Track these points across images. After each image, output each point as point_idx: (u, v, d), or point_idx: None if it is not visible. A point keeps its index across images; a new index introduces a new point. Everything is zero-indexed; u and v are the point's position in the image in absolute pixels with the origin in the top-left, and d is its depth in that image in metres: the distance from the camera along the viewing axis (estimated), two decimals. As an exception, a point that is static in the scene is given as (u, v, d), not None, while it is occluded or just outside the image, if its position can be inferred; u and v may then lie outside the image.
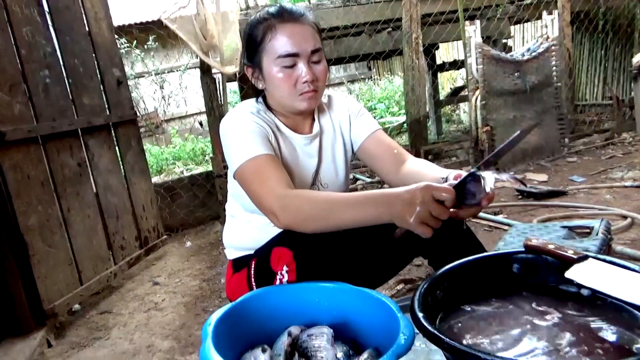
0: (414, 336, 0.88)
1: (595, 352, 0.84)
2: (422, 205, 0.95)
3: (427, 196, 0.95)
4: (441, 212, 0.96)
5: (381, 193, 1.04)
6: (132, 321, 2.10)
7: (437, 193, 0.95)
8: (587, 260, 1.02)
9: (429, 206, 0.94)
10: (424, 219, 0.96)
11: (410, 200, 0.96)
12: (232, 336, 0.98)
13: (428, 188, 0.96)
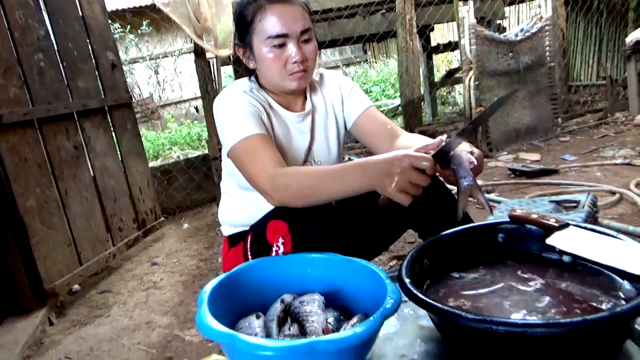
0: (400, 300, 0.91)
1: (573, 312, 0.88)
2: (401, 174, 0.97)
3: (405, 165, 0.97)
4: (420, 180, 0.98)
5: (362, 163, 1.07)
6: (131, 299, 2.15)
7: (415, 161, 0.98)
8: (568, 227, 1.06)
9: (408, 174, 0.97)
10: (403, 187, 0.98)
11: (388, 170, 0.99)
12: (227, 304, 1.02)
13: (406, 157, 0.98)
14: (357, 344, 0.80)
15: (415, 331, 1.06)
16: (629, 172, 2.75)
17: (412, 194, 1.00)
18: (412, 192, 1.00)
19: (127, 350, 1.71)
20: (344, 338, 0.80)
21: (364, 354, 0.90)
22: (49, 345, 1.82)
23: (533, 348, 0.80)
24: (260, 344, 0.81)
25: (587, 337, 0.78)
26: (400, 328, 1.09)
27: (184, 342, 1.72)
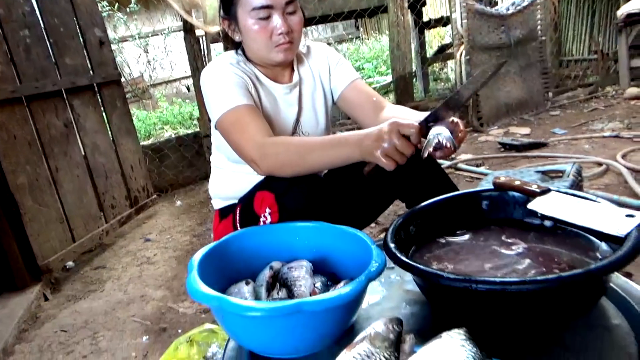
0: (385, 263, 0.94)
1: (551, 272, 0.91)
2: (389, 139, 1.01)
3: (393, 131, 1.01)
4: (405, 147, 1.02)
5: (352, 133, 1.10)
6: (125, 275, 2.18)
7: (402, 128, 1.01)
8: (549, 193, 1.08)
9: (395, 141, 1.01)
10: (388, 153, 1.02)
11: (377, 136, 1.02)
12: (216, 272, 1.04)
13: (395, 124, 1.02)
14: (342, 304, 0.83)
15: (401, 295, 1.09)
16: (617, 144, 2.79)
17: (396, 160, 1.03)
18: (396, 158, 1.03)
19: (122, 322, 1.74)
20: (330, 299, 0.82)
21: (350, 315, 0.93)
22: (44, 319, 1.85)
23: (511, 305, 0.83)
24: (248, 306, 0.84)
25: (563, 294, 0.81)
26: (386, 293, 1.12)
27: (178, 313, 1.76)
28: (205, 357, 1.34)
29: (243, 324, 0.87)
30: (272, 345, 0.90)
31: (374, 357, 0.71)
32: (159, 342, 1.58)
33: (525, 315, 0.85)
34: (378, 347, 0.73)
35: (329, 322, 0.88)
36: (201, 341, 1.38)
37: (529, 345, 0.82)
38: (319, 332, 0.89)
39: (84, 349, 1.60)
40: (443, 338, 0.71)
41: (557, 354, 0.81)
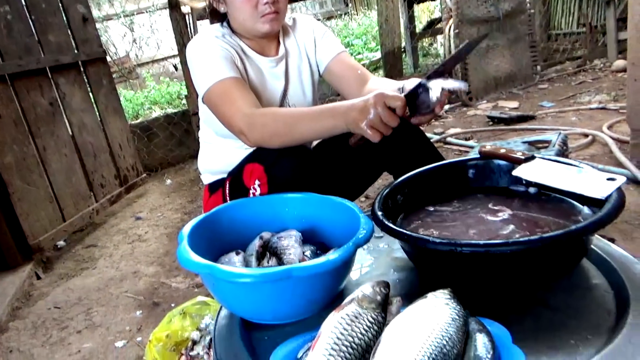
0: (373, 230, 0.95)
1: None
2: (374, 111, 1.01)
3: (379, 102, 1.01)
4: (391, 119, 1.02)
5: (338, 104, 1.11)
6: (117, 252, 2.19)
7: (388, 100, 1.01)
8: (534, 159, 1.10)
9: (380, 112, 1.01)
10: (374, 124, 1.02)
11: (363, 107, 1.03)
12: (206, 243, 1.05)
13: (380, 95, 1.02)
14: (331, 269, 0.85)
15: (389, 263, 1.12)
16: (603, 115, 2.81)
17: (381, 131, 1.04)
18: (381, 130, 1.04)
19: (116, 298, 1.76)
20: (319, 264, 0.84)
21: (338, 281, 0.95)
22: (37, 297, 1.86)
23: (495, 267, 0.85)
24: (238, 272, 0.85)
25: (545, 255, 0.83)
26: (375, 261, 1.14)
27: (171, 288, 1.78)
28: (198, 329, 1.36)
29: (234, 291, 0.89)
30: (263, 311, 0.92)
31: (361, 318, 0.73)
32: (152, 316, 1.60)
33: (509, 277, 0.87)
34: (366, 308, 0.75)
35: (318, 288, 0.90)
36: (194, 313, 1.40)
37: (512, 306, 0.85)
38: (309, 297, 0.91)
39: (78, 325, 1.62)
40: (428, 298, 0.74)
41: (540, 312, 0.84)
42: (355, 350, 0.68)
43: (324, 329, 0.71)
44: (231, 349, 0.88)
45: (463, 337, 0.66)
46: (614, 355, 0.69)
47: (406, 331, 0.66)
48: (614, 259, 0.93)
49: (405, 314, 0.71)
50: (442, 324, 0.66)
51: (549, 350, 0.74)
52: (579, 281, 0.91)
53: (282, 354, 0.74)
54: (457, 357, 0.63)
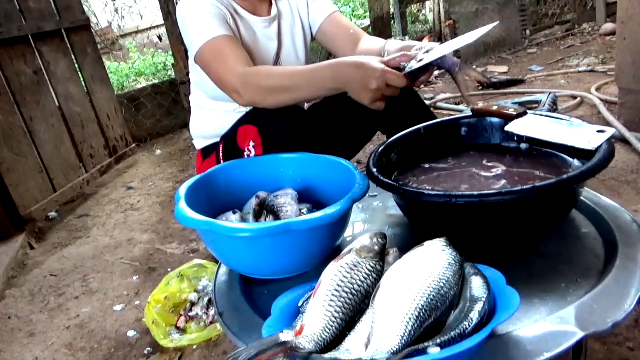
0: (368, 186, 0.97)
1: (526, 189, 0.95)
2: (377, 90, 1.02)
3: (381, 83, 1.01)
4: (393, 93, 1.04)
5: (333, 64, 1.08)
6: (110, 221, 2.19)
7: (391, 80, 1.01)
8: (526, 115, 1.11)
9: (383, 90, 1.02)
10: (377, 99, 1.04)
11: (364, 83, 1.02)
12: (202, 203, 1.05)
13: (383, 73, 1.01)
14: (328, 223, 0.86)
15: (384, 220, 1.14)
16: (591, 78, 2.83)
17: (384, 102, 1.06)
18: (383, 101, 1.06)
19: (111, 264, 1.77)
20: (316, 218, 0.85)
21: (335, 235, 0.97)
22: (32, 266, 1.86)
23: (490, 217, 0.87)
24: (237, 227, 0.86)
25: (537, 204, 0.85)
26: (369, 218, 1.16)
27: (166, 254, 1.79)
28: (196, 290, 1.38)
29: (233, 246, 0.90)
30: (261, 266, 0.94)
31: (360, 266, 0.74)
32: (149, 280, 1.62)
33: (502, 227, 0.90)
34: (364, 257, 0.76)
35: (315, 242, 0.92)
36: (191, 275, 1.42)
37: (505, 255, 0.88)
38: (307, 252, 0.92)
39: (75, 291, 1.64)
40: (425, 245, 0.75)
41: (532, 260, 0.87)
42: (355, 296, 0.70)
43: (324, 277, 0.73)
44: (232, 303, 0.90)
45: (459, 280, 0.69)
46: (602, 294, 0.72)
47: (405, 275, 0.68)
48: (603, 208, 0.96)
49: (403, 260, 0.73)
50: (439, 267, 0.68)
51: (540, 292, 0.77)
52: (569, 230, 0.94)
53: (283, 303, 0.76)
54: (454, 298, 0.66)
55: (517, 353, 0.64)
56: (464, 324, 0.60)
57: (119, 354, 1.29)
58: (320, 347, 0.61)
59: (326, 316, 0.66)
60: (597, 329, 0.65)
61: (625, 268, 0.77)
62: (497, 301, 0.65)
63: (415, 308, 0.61)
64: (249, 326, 0.81)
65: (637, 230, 0.86)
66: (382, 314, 0.62)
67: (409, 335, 0.59)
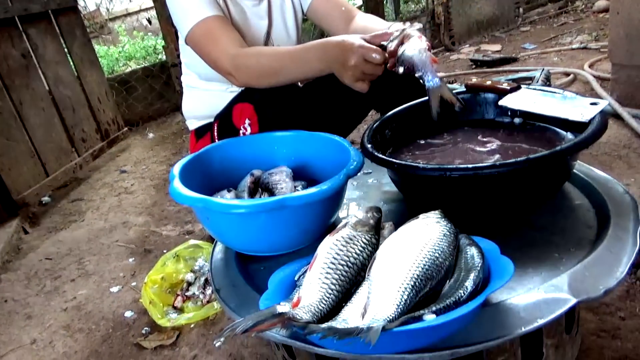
0: (363, 162, 0.97)
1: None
2: (354, 67, 1.00)
3: (358, 57, 0.99)
4: (374, 70, 1.01)
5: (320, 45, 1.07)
6: (104, 205, 2.18)
7: (367, 54, 0.98)
8: (520, 89, 1.11)
9: (361, 67, 1.00)
10: (358, 78, 1.02)
11: (343, 61, 1.01)
12: (197, 182, 1.05)
13: (359, 49, 0.98)
14: (323, 198, 0.86)
15: (379, 196, 1.14)
16: (585, 55, 2.83)
17: (368, 80, 1.04)
18: (368, 79, 1.04)
19: (107, 247, 1.77)
20: (312, 194, 0.85)
21: (331, 211, 0.97)
22: (27, 250, 1.86)
23: (484, 190, 0.88)
24: (233, 204, 0.86)
25: (530, 176, 0.86)
26: (364, 195, 1.16)
27: (162, 236, 1.79)
28: (192, 270, 1.39)
29: (229, 223, 0.91)
30: (257, 243, 0.94)
31: (356, 240, 0.75)
32: (145, 262, 1.62)
33: (496, 200, 0.90)
34: (359, 231, 0.77)
35: (311, 218, 0.92)
36: (187, 256, 1.42)
37: (499, 227, 0.88)
38: (302, 228, 0.93)
39: (71, 274, 1.64)
40: (419, 218, 0.76)
41: (525, 232, 0.88)
42: (351, 269, 0.70)
43: (320, 250, 0.74)
44: (229, 280, 0.91)
45: (454, 251, 0.69)
46: (595, 263, 0.73)
47: (400, 246, 0.68)
48: (595, 180, 0.97)
49: (398, 232, 0.73)
50: (435, 238, 0.68)
51: (534, 263, 0.78)
52: (562, 202, 0.95)
53: (280, 277, 0.77)
54: (449, 269, 0.66)
55: (511, 320, 0.64)
56: (459, 292, 0.60)
57: (117, 335, 1.30)
58: (317, 318, 0.62)
59: (323, 288, 0.67)
60: (589, 295, 0.66)
61: (618, 237, 0.78)
62: (491, 270, 0.66)
63: (411, 278, 0.62)
64: (246, 302, 0.81)
65: (629, 201, 0.87)
66: (379, 285, 0.63)
67: (405, 304, 0.60)
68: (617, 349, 0.96)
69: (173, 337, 1.24)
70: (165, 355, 1.19)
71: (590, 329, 1.01)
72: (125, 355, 1.23)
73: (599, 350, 0.96)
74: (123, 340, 1.28)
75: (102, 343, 1.28)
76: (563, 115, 0.95)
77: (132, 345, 1.25)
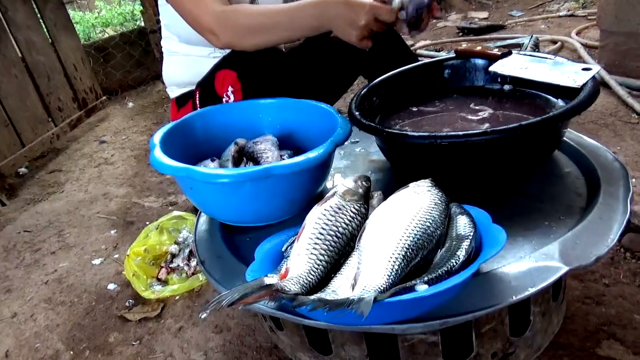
0: (351, 129, 0.94)
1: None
2: (365, 26, 0.98)
3: (370, 17, 0.97)
4: (380, 28, 1.00)
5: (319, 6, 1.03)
6: (83, 176, 2.12)
7: (379, 15, 0.97)
8: (511, 55, 1.09)
9: (371, 25, 0.98)
10: (365, 36, 1.00)
11: (352, 19, 0.98)
12: (179, 151, 1.00)
13: (372, 9, 0.97)
14: (310, 167, 0.84)
15: (367, 165, 1.12)
16: (572, 22, 2.81)
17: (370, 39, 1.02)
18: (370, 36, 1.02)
19: (87, 219, 1.73)
20: (299, 162, 0.82)
21: (318, 180, 0.95)
22: (5, 223, 1.81)
23: (474, 158, 0.86)
24: (217, 173, 0.83)
25: (522, 143, 0.84)
26: (352, 164, 1.14)
27: (144, 207, 1.75)
28: (176, 242, 1.36)
29: (213, 193, 0.88)
30: (242, 213, 0.91)
31: (345, 209, 0.73)
32: (127, 234, 1.59)
33: (487, 168, 0.89)
34: (349, 200, 0.75)
35: (298, 187, 0.90)
36: (171, 227, 1.39)
37: (488, 196, 0.87)
38: (289, 197, 0.90)
39: (52, 246, 1.60)
40: (410, 187, 0.74)
41: (515, 200, 0.87)
42: (340, 239, 0.69)
43: (308, 220, 0.72)
44: (214, 251, 0.88)
45: (445, 220, 0.68)
46: (585, 230, 0.72)
47: (390, 216, 0.66)
48: (585, 148, 0.96)
49: (388, 201, 0.71)
50: (425, 207, 0.67)
51: (524, 231, 0.77)
52: (552, 170, 0.94)
53: (266, 248, 0.75)
54: (441, 238, 0.65)
55: (502, 289, 0.64)
56: (452, 261, 0.59)
57: (100, 307, 1.28)
58: (306, 290, 0.61)
59: (311, 259, 0.65)
60: (581, 263, 0.65)
61: (608, 205, 0.77)
62: (483, 239, 0.65)
63: (402, 247, 0.61)
64: (231, 274, 0.79)
65: (619, 168, 0.87)
66: (369, 255, 0.61)
67: (396, 274, 0.58)
68: (601, 315, 0.97)
69: (158, 309, 1.22)
70: (150, 328, 1.18)
71: (575, 296, 1.02)
72: (109, 328, 1.21)
73: (583, 317, 0.97)
74: (107, 313, 1.26)
75: (85, 316, 1.26)
76: (555, 81, 0.93)
77: (116, 318, 1.23)
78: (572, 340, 0.92)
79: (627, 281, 1.06)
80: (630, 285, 1.04)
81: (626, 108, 1.68)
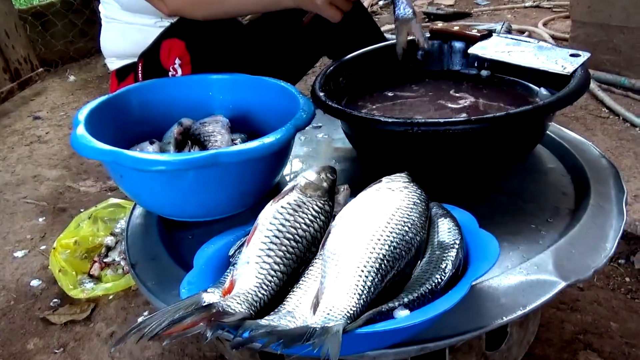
0: (314, 113, 0.82)
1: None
2: None
3: None
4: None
5: None
6: (12, 155, 1.90)
7: None
8: (491, 37, 0.99)
9: None
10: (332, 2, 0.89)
11: None
12: (111, 130, 0.86)
13: None
14: (266, 154, 0.71)
15: (330, 154, 1.01)
16: (538, 13, 2.79)
17: (342, 9, 0.91)
18: (342, 7, 0.90)
19: (12, 204, 1.53)
20: (251, 148, 0.70)
21: (274, 170, 0.82)
22: None
23: (452, 149, 0.76)
24: (152, 159, 0.69)
25: (506, 134, 0.75)
26: (313, 152, 1.03)
27: (79, 192, 1.57)
28: (112, 233, 1.21)
29: (148, 182, 0.74)
30: (184, 206, 0.78)
31: (305, 207, 0.61)
32: (58, 222, 1.41)
33: (465, 161, 0.79)
34: (310, 196, 0.63)
35: (250, 178, 0.77)
36: (106, 217, 1.23)
37: (464, 193, 0.78)
38: (240, 189, 0.77)
39: (-32, 235, 1.40)
40: (383, 182, 0.63)
41: (494, 198, 0.78)
42: (300, 244, 0.57)
43: (261, 220, 0.59)
44: (148, 251, 0.74)
45: (426, 223, 0.57)
46: (579, 237, 0.64)
47: (361, 217, 0.55)
48: (568, 142, 0.88)
49: (358, 200, 0.60)
50: (403, 208, 0.56)
51: (508, 235, 0.67)
52: (533, 165, 0.86)
53: (209, 252, 0.62)
54: (421, 245, 0.54)
55: (490, 308, 0.54)
56: (436, 277, 0.48)
57: (20, 307, 1.12)
58: (255, 310, 0.48)
59: (264, 269, 0.53)
60: (579, 277, 0.57)
61: (600, 207, 0.69)
62: (470, 248, 0.55)
63: (375, 258, 0.49)
64: (168, 280, 0.66)
65: (607, 166, 0.79)
66: (335, 266, 0.50)
67: (369, 292, 0.47)
68: (577, 323, 0.90)
69: (87, 311, 1.07)
70: (77, 332, 1.03)
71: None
72: (29, 332, 1.05)
73: (558, 324, 0.90)
74: (27, 314, 1.09)
75: (2, 317, 1.10)
76: (542, 67, 0.84)
77: (38, 320, 1.07)
78: (547, 351, 0.85)
79: (600, 284, 1.00)
80: (604, 290, 0.99)
81: (596, 102, 1.64)
